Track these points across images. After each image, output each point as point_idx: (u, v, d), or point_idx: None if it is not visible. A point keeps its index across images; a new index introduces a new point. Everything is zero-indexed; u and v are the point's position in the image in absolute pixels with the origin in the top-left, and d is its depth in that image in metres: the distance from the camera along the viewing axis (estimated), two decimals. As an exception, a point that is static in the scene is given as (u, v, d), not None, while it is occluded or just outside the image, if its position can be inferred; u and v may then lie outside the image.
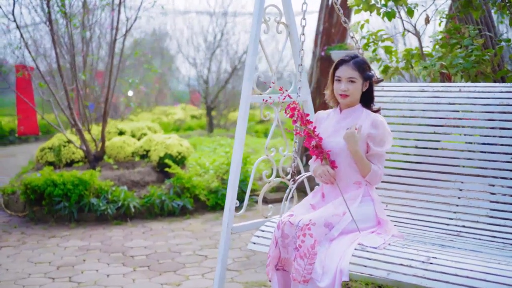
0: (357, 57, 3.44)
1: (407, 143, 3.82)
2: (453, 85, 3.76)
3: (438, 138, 3.69)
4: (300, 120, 3.41)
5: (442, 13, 5.10)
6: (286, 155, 4.09)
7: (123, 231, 6.20)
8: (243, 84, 3.86)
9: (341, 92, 3.40)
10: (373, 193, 3.41)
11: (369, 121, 3.37)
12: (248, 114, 3.87)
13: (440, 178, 3.66)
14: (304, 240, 3.06)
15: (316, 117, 3.62)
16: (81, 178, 6.53)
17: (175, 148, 7.48)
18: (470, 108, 3.60)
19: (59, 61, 7.26)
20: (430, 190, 3.67)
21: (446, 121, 3.67)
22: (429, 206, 3.66)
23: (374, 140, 3.34)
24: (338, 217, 3.21)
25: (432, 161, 3.68)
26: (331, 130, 3.46)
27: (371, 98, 3.52)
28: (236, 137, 3.85)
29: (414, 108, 3.82)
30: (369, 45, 5.20)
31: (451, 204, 3.59)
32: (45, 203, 6.56)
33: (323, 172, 3.39)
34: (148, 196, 6.77)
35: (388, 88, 4.02)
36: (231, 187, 3.80)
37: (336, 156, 3.40)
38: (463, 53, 4.41)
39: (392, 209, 3.79)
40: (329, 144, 3.41)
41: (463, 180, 3.57)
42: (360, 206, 3.33)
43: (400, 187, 3.81)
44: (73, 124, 7.45)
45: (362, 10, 4.72)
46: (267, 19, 3.98)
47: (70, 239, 5.90)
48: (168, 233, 6.09)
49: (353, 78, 3.38)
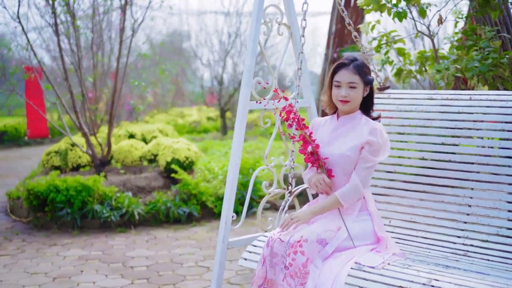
0: (357, 59, 3.19)
1: (413, 154, 3.57)
2: (463, 93, 3.49)
3: (446, 149, 3.44)
4: (296, 124, 3.18)
5: (459, 13, 4.83)
6: (288, 165, 3.85)
7: (126, 239, 6.00)
8: (240, 89, 3.64)
9: (341, 98, 3.15)
10: (372, 207, 3.16)
11: (368, 128, 3.13)
12: (246, 121, 3.64)
13: (447, 192, 3.42)
14: (295, 258, 2.84)
15: (313, 124, 3.39)
16: (85, 184, 6.35)
17: (183, 152, 7.27)
18: (481, 117, 3.35)
19: (64, 64, 7.09)
20: (437, 205, 3.43)
21: (455, 132, 3.42)
22: (435, 223, 3.42)
23: (369, 147, 3.09)
24: (332, 232, 2.97)
25: (440, 174, 3.44)
26: (327, 139, 3.23)
27: (371, 104, 3.28)
28: (233, 146, 3.63)
29: (421, 117, 3.57)
30: (381, 46, 4.97)
31: (458, 221, 3.34)
32: (48, 210, 6.40)
33: (319, 181, 3.15)
34: (153, 202, 6.57)
35: (395, 95, 3.76)
36: (228, 199, 3.58)
37: (331, 166, 3.16)
38: (479, 55, 4.14)
39: (395, 224, 3.54)
40: (324, 153, 3.17)
41: (472, 196, 3.32)
42: (357, 221, 3.09)
43: (404, 201, 3.56)
44: (79, 128, 7.28)
45: (373, 10, 4.48)
46: (267, 20, 3.74)
47: (71, 247, 5.72)
48: (172, 242, 5.88)
49: (353, 83, 3.14)
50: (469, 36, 4.47)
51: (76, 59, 7.12)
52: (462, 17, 4.72)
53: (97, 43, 8.60)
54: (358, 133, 3.14)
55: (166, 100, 17.88)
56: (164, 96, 17.46)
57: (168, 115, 16.79)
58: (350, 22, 3.85)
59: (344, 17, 3.81)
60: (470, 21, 4.78)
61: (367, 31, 4.91)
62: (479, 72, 4.10)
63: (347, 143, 3.14)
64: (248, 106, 3.63)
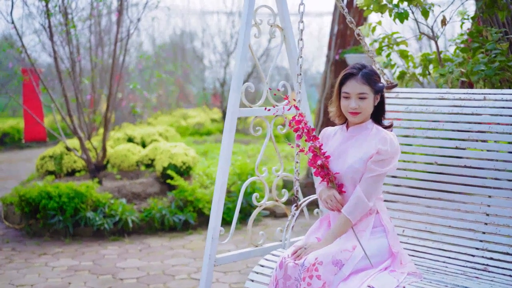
0: (365, 67, 2.95)
1: (425, 159, 3.32)
2: (477, 91, 3.24)
3: (461, 153, 3.18)
4: (306, 136, 2.96)
5: (464, 14, 4.59)
6: (280, 175, 3.62)
7: (119, 248, 5.78)
8: (229, 95, 3.41)
9: (352, 110, 2.92)
10: (386, 221, 2.93)
11: (378, 138, 2.90)
12: (235, 129, 3.42)
13: (463, 200, 3.16)
14: (310, 283, 2.61)
15: (323, 134, 3.15)
16: (77, 191, 6.12)
17: (180, 157, 7.04)
18: (496, 119, 3.08)
19: (58, 66, 6.89)
20: (453, 213, 3.18)
21: (470, 134, 3.17)
22: (451, 233, 3.17)
23: (377, 156, 2.86)
24: (348, 252, 2.74)
25: (454, 181, 3.18)
26: (337, 151, 2.99)
27: (383, 111, 3.04)
28: (221, 155, 3.40)
29: (432, 118, 3.31)
30: (382, 49, 4.75)
31: (476, 231, 3.08)
32: (40, 217, 6.18)
33: (329, 197, 2.93)
34: (148, 209, 6.34)
35: (404, 95, 3.52)
36: (215, 213, 3.34)
37: (342, 181, 2.94)
38: (486, 58, 3.90)
39: (409, 234, 3.30)
40: (334, 167, 2.95)
41: (490, 203, 3.06)
42: (371, 238, 2.86)
43: (418, 209, 3.31)
44: (73, 131, 7.08)
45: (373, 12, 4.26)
46: (259, 21, 3.52)
47: (61, 257, 5.50)
48: (166, 251, 5.65)
49: (363, 93, 2.90)
50: (475, 38, 4.24)
51: (70, 62, 6.91)
52: (468, 18, 4.49)
53: (96, 45, 8.42)
54: (368, 144, 2.91)
55: (170, 101, 17.67)
56: (168, 97, 17.25)
57: (172, 116, 16.57)
58: (352, 20, 3.60)
59: (345, 15, 3.56)
60: (476, 22, 4.54)
61: (368, 33, 4.69)
62: (485, 76, 3.86)
63: (356, 155, 2.91)
64: (238, 113, 3.40)
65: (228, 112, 3.36)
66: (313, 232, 3.03)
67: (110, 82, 7.07)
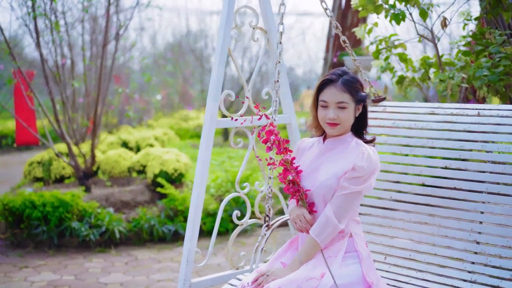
0: (347, 73, 2.65)
1: (412, 180, 3.04)
2: (469, 107, 2.95)
3: (450, 174, 2.90)
4: (276, 148, 2.66)
5: (467, 15, 4.30)
6: (264, 191, 3.33)
7: (105, 261, 5.51)
8: (207, 104, 3.12)
9: (329, 121, 2.62)
10: (360, 246, 2.62)
11: (355, 152, 2.60)
12: (213, 141, 3.13)
13: (452, 226, 2.89)
14: None
15: (298, 146, 2.86)
16: (62, 199, 5.86)
17: (172, 164, 6.77)
18: (491, 137, 2.80)
19: (45, 68, 6.63)
20: (440, 240, 2.91)
21: (461, 153, 2.88)
22: (437, 262, 2.89)
23: (351, 173, 2.55)
24: (315, 280, 2.44)
25: (443, 204, 2.90)
26: (310, 166, 2.70)
27: (365, 124, 2.74)
28: (197, 170, 3.11)
29: (421, 135, 3.04)
30: (380, 52, 4.46)
31: (465, 260, 2.81)
32: (24, 226, 5.92)
33: (298, 217, 2.64)
34: (136, 219, 6.07)
35: (391, 109, 3.23)
36: (189, 234, 3.06)
37: (314, 199, 2.65)
38: (489, 62, 3.60)
39: (391, 262, 3.02)
40: (306, 183, 2.66)
41: (481, 231, 2.79)
42: (343, 265, 2.55)
43: (402, 234, 3.04)
44: (60, 137, 6.81)
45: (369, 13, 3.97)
46: (239, 23, 3.23)
47: (43, 270, 5.24)
48: (153, 264, 5.38)
49: (343, 102, 2.60)
50: (478, 40, 3.94)
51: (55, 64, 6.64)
52: (471, 19, 4.19)
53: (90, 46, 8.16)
54: (345, 159, 2.61)
55: (172, 103, 17.43)
56: (169, 99, 17.01)
57: (173, 118, 16.33)
58: (338, 25, 3.30)
59: (330, 19, 3.27)
60: (479, 23, 4.24)
61: (363, 35, 4.40)
62: (488, 82, 3.57)
63: (330, 171, 2.62)
64: (216, 124, 3.11)
65: (205, 124, 3.07)
66: (279, 256, 2.74)
67: (99, 85, 6.80)
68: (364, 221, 3.16)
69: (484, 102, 4.16)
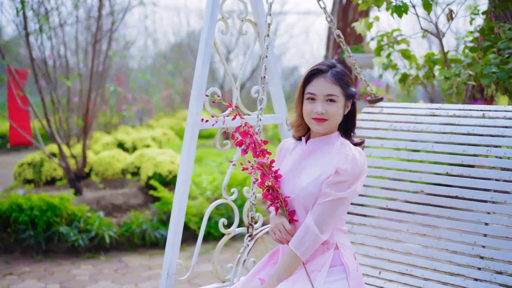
0: (336, 66, 2.40)
1: (410, 187, 2.78)
2: (474, 108, 2.70)
3: (452, 181, 2.65)
4: (252, 150, 2.41)
5: (474, 9, 4.05)
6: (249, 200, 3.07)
7: (94, 267, 5.26)
8: (189, 103, 2.87)
9: (316, 116, 2.36)
10: (347, 259, 2.37)
11: (339, 154, 2.34)
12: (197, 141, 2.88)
13: (453, 238, 2.64)
14: None
15: (280, 147, 2.61)
16: (50, 203, 5.62)
17: (166, 166, 6.52)
18: (497, 141, 2.54)
19: (34, 66, 6.39)
20: (440, 254, 2.66)
21: (464, 158, 2.63)
22: (437, 278, 2.66)
23: (334, 177, 2.30)
24: None
25: (443, 214, 2.67)
26: (291, 170, 2.44)
27: (353, 124, 2.48)
28: (179, 175, 2.86)
29: (421, 138, 2.79)
30: (381, 48, 4.22)
31: (467, 277, 2.57)
32: (11, 231, 5.68)
33: (277, 227, 2.39)
34: (128, 224, 5.82)
35: (388, 110, 2.98)
36: (170, 246, 2.82)
37: (293, 206, 2.40)
38: (498, 59, 3.34)
39: (386, 277, 2.78)
40: (286, 189, 2.41)
41: (485, 244, 2.54)
42: (328, 281, 2.30)
43: (398, 246, 2.79)
44: (51, 137, 6.57)
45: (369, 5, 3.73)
46: (226, 15, 2.97)
47: (27, 278, 5.00)
48: (143, 271, 5.13)
49: (333, 95, 2.35)
50: (486, 36, 3.69)
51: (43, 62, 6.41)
52: (479, 13, 3.94)
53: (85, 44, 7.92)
54: (328, 161, 2.36)
55: (174, 103, 17.21)
56: (170, 99, 16.79)
57: (174, 118, 16.10)
58: (332, 18, 3.05)
59: (324, 12, 3.01)
60: (488, 17, 3.98)
61: (363, 29, 4.15)
62: (497, 79, 3.32)
63: (311, 175, 2.37)
64: (199, 125, 2.86)
65: (187, 125, 2.82)
66: (258, 271, 2.50)
67: (90, 84, 6.55)
68: (357, 231, 2.91)
69: (492, 101, 3.91)
